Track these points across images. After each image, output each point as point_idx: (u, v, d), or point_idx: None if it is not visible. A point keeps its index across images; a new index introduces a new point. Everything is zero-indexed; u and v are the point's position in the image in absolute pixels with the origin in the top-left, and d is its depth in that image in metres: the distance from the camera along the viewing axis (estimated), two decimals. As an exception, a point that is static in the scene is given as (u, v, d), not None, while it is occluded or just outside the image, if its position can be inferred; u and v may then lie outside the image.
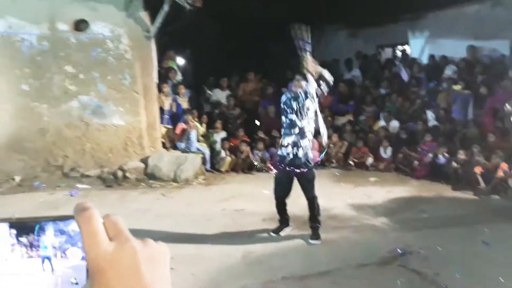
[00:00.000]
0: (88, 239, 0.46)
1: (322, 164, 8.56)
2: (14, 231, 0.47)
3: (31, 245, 0.48)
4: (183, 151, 7.85)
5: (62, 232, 0.48)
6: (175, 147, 8.05)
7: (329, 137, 8.60)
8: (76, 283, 0.47)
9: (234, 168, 8.08)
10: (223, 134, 8.41)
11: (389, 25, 11.44)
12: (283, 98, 4.72)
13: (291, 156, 4.61)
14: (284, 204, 4.99)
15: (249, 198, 6.40)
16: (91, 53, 7.26)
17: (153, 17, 7.42)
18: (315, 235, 4.80)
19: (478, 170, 6.85)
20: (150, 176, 7.22)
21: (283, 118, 4.66)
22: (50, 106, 7.18)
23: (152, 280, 0.47)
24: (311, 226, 4.86)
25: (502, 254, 4.46)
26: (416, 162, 7.87)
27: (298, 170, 4.64)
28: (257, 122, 9.64)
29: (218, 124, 8.45)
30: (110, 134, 7.33)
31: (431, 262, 4.30)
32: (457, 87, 8.82)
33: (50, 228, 0.48)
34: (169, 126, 8.17)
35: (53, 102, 7.18)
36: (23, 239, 0.48)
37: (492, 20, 9.29)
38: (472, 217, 5.72)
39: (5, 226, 0.47)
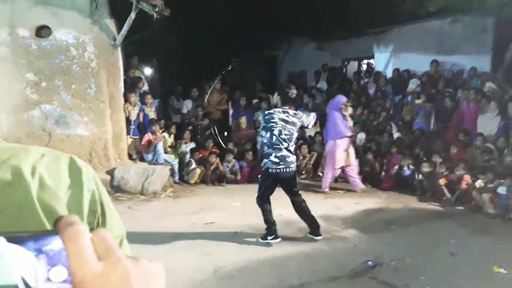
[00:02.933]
0: (75, 259, 0.40)
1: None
2: None
3: None
4: (151, 162, 7.66)
5: (39, 251, 0.41)
6: (142, 159, 7.86)
7: (298, 148, 8.71)
8: None
9: (204, 180, 7.97)
10: (192, 145, 8.29)
11: (355, 39, 11.75)
12: None
13: None
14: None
15: (220, 210, 6.31)
16: (54, 60, 6.99)
17: (119, 25, 7.26)
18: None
19: (442, 181, 7.06)
20: (116, 189, 6.99)
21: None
22: (10, 115, 6.85)
23: None
24: None
25: (469, 264, 4.58)
26: (382, 174, 8.03)
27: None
28: (225, 133, 9.60)
29: (187, 135, 8.32)
30: (74, 145, 7.06)
31: (401, 274, 4.35)
32: (419, 101, 9.12)
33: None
34: (136, 137, 7.97)
35: (13, 111, 6.85)
36: None
37: (452, 35, 9.71)
38: (439, 228, 5.86)
39: None
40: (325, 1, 10.11)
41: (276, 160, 4.91)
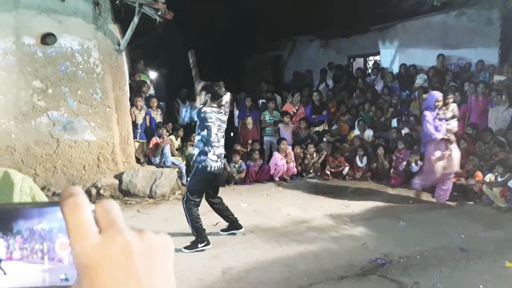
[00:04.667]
0: (74, 231, 0.39)
1: (299, 175, 8.59)
2: None
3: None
4: (158, 166, 7.69)
5: (41, 223, 0.42)
6: (150, 162, 7.88)
7: (305, 147, 8.69)
8: (66, 279, 0.41)
9: (211, 181, 7.96)
10: (198, 147, 8.29)
11: (359, 36, 11.69)
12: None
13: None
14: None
15: (227, 212, 6.30)
16: (59, 67, 7.04)
17: (123, 30, 7.29)
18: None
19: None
20: (125, 193, 7.02)
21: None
22: (18, 123, 6.92)
23: (151, 280, 0.40)
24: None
25: (481, 260, 4.53)
26: (391, 170, 7.97)
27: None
28: (231, 134, 9.60)
29: (193, 137, 8.32)
30: (82, 150, 7.11)
31: (410, 271, 4.32)
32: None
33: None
34: (143, 141, 8.00)
35: (20, 118, 6.93)
36: None
37: (458, 29, 9.62)
38: (449, 224, 5.79)
39: None
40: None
41: (215, 157, 4.92)
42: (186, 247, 4.84)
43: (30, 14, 6.85)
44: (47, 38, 7.04)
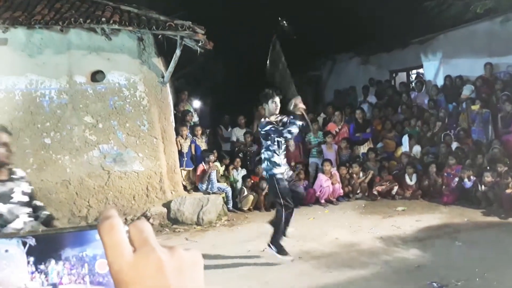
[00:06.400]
0: (111, 251, 0.43)
1: (346, 196, 8.42)
2: (32, 259, 0.46)
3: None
4: (205, 192, 7.81)
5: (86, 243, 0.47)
6: (196, 189, 8.03)
7: (350, 167, 8.53)
8: None
9: (257, 206, 7.98)
10: (243, 172, 8.37)
11: (401, 49, 11.47)
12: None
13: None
14: None
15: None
16: (108, 102, 7.41)
17: (166, 62, 7.58)
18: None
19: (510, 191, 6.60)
20: (173, 221, 7.17)
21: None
22: (72, 157, 7.30)
23: None
24: None
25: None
26: (443, 187, 7.65)
27: None
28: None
29: (237, 162, 8.42)
30: (131, 181, 7.37)
31: (470, 296, 4.10)
32: (475, 107, 8.67)
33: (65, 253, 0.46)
34: (189, 168, 8.18)
35: (74, 153, 7.30)
36: (42, 267, 0.46)
37: (505, 35, 9.22)
38: (510, 243, 5.46)
39: (22, 253, 0.46)
40: (365, 15, 10.02)
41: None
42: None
43: (81, 54, 7.30)
44: (96, 75, 7.45)
